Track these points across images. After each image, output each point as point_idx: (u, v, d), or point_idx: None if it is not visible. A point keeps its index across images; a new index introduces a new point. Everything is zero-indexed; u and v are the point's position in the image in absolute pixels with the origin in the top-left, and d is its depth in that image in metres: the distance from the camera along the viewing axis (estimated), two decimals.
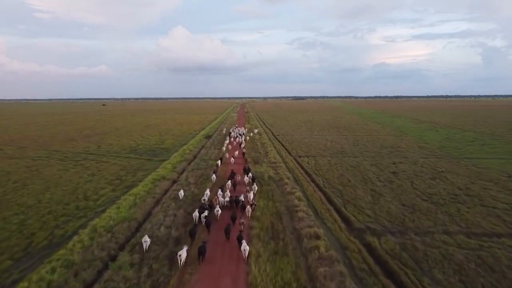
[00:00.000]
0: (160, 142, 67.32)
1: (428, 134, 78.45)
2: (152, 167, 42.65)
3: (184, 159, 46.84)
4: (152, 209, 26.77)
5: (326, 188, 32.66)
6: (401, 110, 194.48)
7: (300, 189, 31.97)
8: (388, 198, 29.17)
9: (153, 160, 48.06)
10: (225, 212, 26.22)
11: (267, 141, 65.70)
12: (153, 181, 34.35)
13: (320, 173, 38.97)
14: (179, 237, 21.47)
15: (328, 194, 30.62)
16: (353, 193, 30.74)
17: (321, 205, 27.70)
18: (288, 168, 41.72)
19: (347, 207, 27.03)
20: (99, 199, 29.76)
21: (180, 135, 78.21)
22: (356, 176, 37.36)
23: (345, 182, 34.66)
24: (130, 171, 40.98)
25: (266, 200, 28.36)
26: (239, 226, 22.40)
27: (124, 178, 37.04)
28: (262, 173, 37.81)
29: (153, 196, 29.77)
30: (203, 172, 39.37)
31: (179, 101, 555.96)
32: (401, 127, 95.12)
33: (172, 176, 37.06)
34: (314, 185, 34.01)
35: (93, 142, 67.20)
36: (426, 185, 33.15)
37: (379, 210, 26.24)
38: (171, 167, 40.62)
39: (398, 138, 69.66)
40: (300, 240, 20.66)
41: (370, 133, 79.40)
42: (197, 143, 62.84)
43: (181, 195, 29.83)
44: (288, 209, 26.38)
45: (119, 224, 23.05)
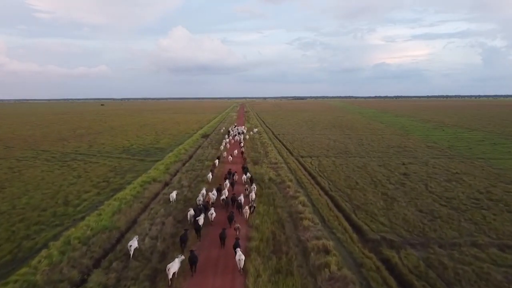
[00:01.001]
0: (155, 141, 64.32)
1: (434, 133, 75.49)
2: (143, 168, 39.66)
3: (179, 159, 43.82)
4: (138, 216, 23.75)
5: (333, 191, 29.65)
6: (403, 109, 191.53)
7: (304, 193, 28.97)
8: (402, 203, 26.16)
9: (145, 160, 45.05)
10: (220, 214, 23.86)
11: (267, 140, 62.72)
12: (143, 183, 31.35)
13: (325, 174, 35.96)
14: (165, 250, 18.45)
15: (335, 198, 27.59)
16: (362, 197, 27.73)
17: (328, 212, 24.68)
18: (290, 169, 38.71)
19: (357, 214, 24.01)
20: (81, 204, 26.73)
21: (176, 135, 75.21)
22: (364, 178, 34.35)
23: (352, 185, 31.66)
24: (120, 172, 37.97)
25: (267, 206, 25.35)
26: (234, 232, 20.17)
27: (112, 180, 34.02)
28: (262, 174, 34.81)
29: (140, 200, 26.76)
30: (198, 174, 36.36)
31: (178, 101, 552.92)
32: (405, 126, 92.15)
33: (164, 178, 34.05)
34: (319, 188, 31.00)
35: (85, 141, 64.18)
36: (442, 188, 30.15)
37: (394, 217, 23.23)
38: (163, 168, 37.61)
39: (404, 138, 66.66)
40: (307, 254, 17.64)
41: (374, 132, 76.42)
42: (193, 142, 59.83)
43: (173, 197, 27.08)
44: (292, 216, 23.38)
45: (98, 234, 20.04)
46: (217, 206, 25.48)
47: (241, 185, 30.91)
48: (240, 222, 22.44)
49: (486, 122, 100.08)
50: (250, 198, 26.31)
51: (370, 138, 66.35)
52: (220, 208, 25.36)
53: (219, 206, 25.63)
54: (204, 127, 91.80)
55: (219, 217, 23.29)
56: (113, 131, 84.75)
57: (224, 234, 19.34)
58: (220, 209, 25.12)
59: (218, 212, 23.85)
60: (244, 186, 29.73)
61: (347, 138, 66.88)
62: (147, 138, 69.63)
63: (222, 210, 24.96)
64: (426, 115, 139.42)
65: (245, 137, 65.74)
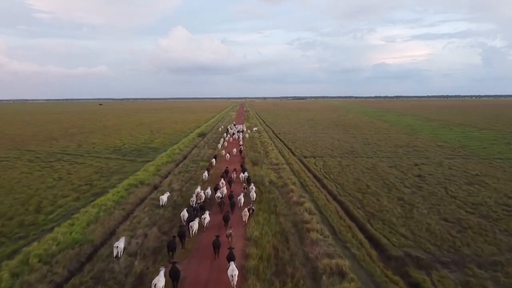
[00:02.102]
0: (149, 141, 60.97)
1: (442, 132, 72.18)
2: (133, 169, 36.28)
3: (172, 160, 40.47)
4: (118, 226, 20.37)
5: (342, 196, 26.28)
6: (405, 109, 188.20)
7: (309, 198, 25.61)
8: (423, 210, 22.80)
9: (136, 161, 41.69)
10: (215, 217, 21.46)
11: (267, 139, 59.36)
12: (128, 187, 27.97)
13: (332, 176, 32.60)
14: (143, 271, 15.08)
15: (346, 204, 24.23)
16: (376, 203, 24.36)
17: (339, 221, 21.32)
18: (292, 171, 35.37)
19: (373, 224, 20.64)
20: (55, 211, 23.35)
21: (172, 134, 71.86)
22: (376, 180, 31.00)
23: (363, 189, 28.29)
24: (105, 174, 34.62)
25: (267, 213, 21.99)
26: (227, 239, 17.65)
27: (95, 184, 30.66)
28: (262, 176, 31.47)
29: (123, 207, 23.39)
30: (192, 176, 33.01)
31: (178, 101, 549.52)
32: (410, 125, 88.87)
33: (153, 180, 30.69)
34: (326, 193, 27.64)
35: (75, 141, 60.82)
36: (465, 192, 26.78)
37: (416, 228, 19.87)
38: (154, 170, 34.25)
39: (412, 137, 63.32)
40: (317, 278, 14.29)
41: (380, 131, 73.08)
42: (189, 142, 56.49)
43: (163, 200, 24.06)
44: (296, 226, 20.02)
45: (65, 250, 16.69)
46: (212, 205, 23.96)
47: (239, 184, 28.77)
48: (235, 224, 20.08)
49: (493, 121, 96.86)
50: (251, 198, 24.10)
51: (376, 137, 63.00)
52: (214, 210, 23.19)
53: (215, 206, 23.81)
54: (202, 126, 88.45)
55: (214, 221, 20.96)
56: (106, 130, 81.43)
57: (218, 242, 16.51)
58: (214, 211, 22.90)
59: (212, 214, 21.83)
60: (242, 185, 27.48)
61: (351, 137, 63.54)
62: (141, 137, 66.29)
63: (217, 212, 22.73)
64: (430, 114, 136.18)
65: (244, 136, 62.42)
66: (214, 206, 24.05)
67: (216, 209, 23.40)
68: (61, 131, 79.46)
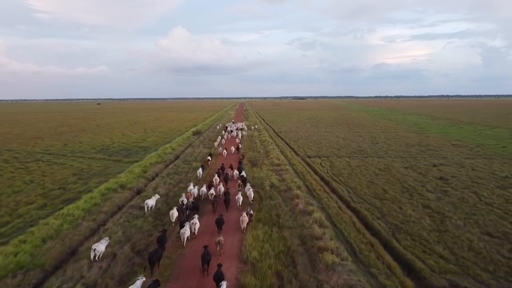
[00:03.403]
0: (141, 140, 56.88)
1: (453, 130, 68.15)
2: (116, 170, 32.27)
3: (162, 160, 36.40)
4: (82, 244, 16.33)
5: (356, 203, 22.25)
6: (408, 108, 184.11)
7: (318, 205, 21.59)
8: (457, 221, 18.78)
9: (122, 161, 37.64)
10: (206, 222, 18.53)
11: (267, 138, 55.27)
12: (106, 191, 23.95)
13: (341, 179, 28.56)
14: None
15: (362, 213, 20.20)
16: (399, 212, 20.34)
17: (358, 236, 17.27)
18: (296, 173, 31.36)
19: (400, 239, 16.62)
20: (10, 222, 19.30)
21: (167, 132, 67.78)
22: (392, 183, 26.97)
23: (380, 194, 24.27)
24: (85, 176, 30.58)
25: (268, 226, 17.94)
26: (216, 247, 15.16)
27: (70, 187, 26.61)
28: (261, 179, 27.44)
29: (94, 217, 19.37)
30: (182, 178, 28.96)
31: (178, 101, 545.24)
32: (417, 124, 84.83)
33: (137, 184, 26.64)
34: (337, 198, 23.60)
35: (62, 140, 56.72)
36: (501, 199, 22.76)
37: (455, 246, 15.86)
38: (139, 171, 30.19)
39: (422, 135, 59.29)
40: None
41: (386, 130, 69.05)
42: (183, 140, 52.40)
43: (148, 206, 20.74)
44: (305, 243, 16.00)
45: (3, 280, 12.69)
46: (205, 204, 22.09)
47: (235, 181, 26.96)
48: (230, 230, 17.52)
49: (503, 119, 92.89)
50: (249, 198, 21.95)
51: (383, 136, 58.96)
52: (208, 209, 21.24)
53: (208, 205, 21.70)
54: (199, 124, 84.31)
55: (206, 224, 18.49)
56: (98, 128, 77.33)
57: (208, 255, 13.70)
58: (207, 211, 21.03)
59: (205, 214, 20.34)
60: (236, 184, 25.55)
61: (357, 136, 59.50)
62: (133, 136, 62.17)
63: (209, 212, 20.82)
64: (434, 113, 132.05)
65: (243, 134, 58.42)
66: (208, 205, 21.80)
67: (209, 208, 21.30)
68: (50, 129, 75.36)
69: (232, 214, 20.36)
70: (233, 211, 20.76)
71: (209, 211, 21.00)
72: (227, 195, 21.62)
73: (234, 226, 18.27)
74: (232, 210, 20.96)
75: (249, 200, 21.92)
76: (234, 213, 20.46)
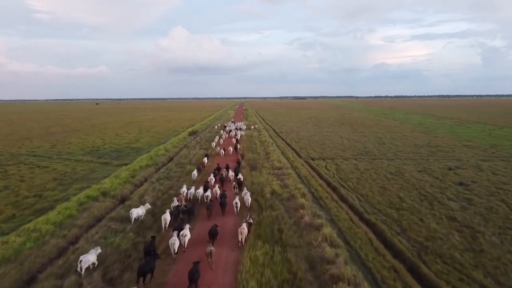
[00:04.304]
0: (134, 140, 54.04)
1: (461, 130, 65.34)
2: (103, 174, 29.46)
3: (153, 163, 33.55)
4: (45, 268, 13.47)
5: (370, 214, 19.41)
6: (410, 107, 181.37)
7: (327, 217, 18.73)
8: (492, 238, 15.95)
9: (110, 164, 34.81)
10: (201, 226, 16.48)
11: (267, 138, 52.41)
12: (86, 200, 21.11)
13: (350, 185, 25.72)
14: None
15: (379, 227, 17.36)
16: (421, 226, 17.50)
17: (377, 258, 14.42)
18: (300, 177, 28.51)
19: (429, 263, 13.77)
20: None
21: (163, 133, 64.94)
22: (408, 190, 24.14)
23: (396, 202, 21.43)
24: (67, 181, 27.75)
25: (269, 245, 15.08)
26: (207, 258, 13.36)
27: (47, 194, 23.78)
28: (261, 185, 24.61)
29: (64, 233, 16.52)
30: (172, 184, 26.08)
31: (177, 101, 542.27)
32: (422, 123, 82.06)
33: (122, 191, 23.78)
34: (348, 208, 20.75)
35: (51, 140, 53.88)
36: None
37: (499, 272, 13.05)
38: (127, 176, 27.33)
39: (430, 135, 56.48)
40: None
41: (391, 130, 66.23)
42: (179, 141, 49.55)
43: (134, 215, 18.13)
44: (315, 268, 13.15)
45: None
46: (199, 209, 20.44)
47: (231, 183, 25.42)
48: (225, 242, 15.51)
49: (510, 119, 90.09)
50: (246, 203, 20.06)
51: (389, 136, 56.13)
52: (202, 214, 19.52)
53: (202, 210, 20.01)
54: (196, 124, 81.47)
55: (198, 233, 16.52)
56: (92, 129, 74.48)
57: (196, 273, 11.79)
58: (201, 216, 19.31)
59: (199, 220, 18.75)
60: (232, 186, 24.17)
61: (362, 136, 56.67)
62: (126, 136, 59.33)
63: (203, 217, 19.13)
64: (438, 112, 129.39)
65: (241, 135, 55.62)
66: (202, 209, 20.11)
67: (203, 212, 19.59)
68: (42, 130, 72.52)
69: (228, 221, 18.45)
70: (229, 217, 19.06)
71: (203, 217, 19.25)
72: (224, 197, 20.24)
73: (230, 238, 15.98)
74: (228, 215, 19.28)
75: (246, 206, 20.08)
76: (230, 220, 18.60)
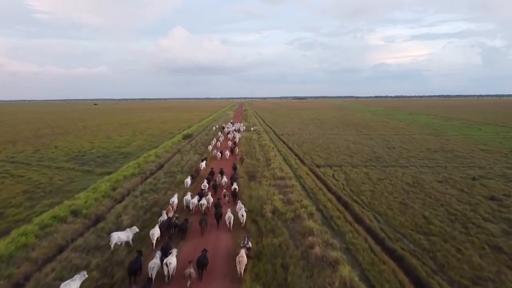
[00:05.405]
0: (125, 144, 50.54)
1: (472, 132, 61.81)
2: (80, 186, 26.00)
3: (140, 171, 30.04)
4: None
5: (393, 241, 15.88)
6: (413, 107, 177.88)
7: (341, 247, 15.18)
8: None
9: (93, 172, 31.32)
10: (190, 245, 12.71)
11: (268, 142, 48.89)
12: (51, 221, 17.61)
13: (364, 200, 22.19)
14: None
15: (408, 262, 13.82)
16: (461, 260, 13.98)
17: None
18: (305, 189, 24.96)
19: None
20: None
21: (157, 135, 61.46)
22: (432, 206, 20.61)
23: (422, 224, 17.91)
24: (38, 194, 24.25)
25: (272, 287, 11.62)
26: None
27: (9, 213, 20.28)
28: (260, 199, 21.10)
29: (10, 273, 13.01)
30: (158, 199, 22.53)
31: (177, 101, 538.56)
32: (429, 124, 78.56)
33: (98, 208, 20.25)
34: (366, 232, 17.18)
35: (36, 144, 50.39)
36: None
37: None
38: (107, 188, 23.81)
39: (441, 138, 52.96)
40: None
41: (399, 132, 62.67)
42: (172, 145, 46.04)
43: (117, 239, 15.43)
44: None
45: None
46: None
47: (227, 189, 23.76)
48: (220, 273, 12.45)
49: None
50: (241, 221, 17.53)
51: (397, 139, 52.60)
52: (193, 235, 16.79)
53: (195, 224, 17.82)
54: (194, 126, 77.97)
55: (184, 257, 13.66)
56: (83, 131, 70.96)
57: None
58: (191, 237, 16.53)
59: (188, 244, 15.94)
60: (222, 194, 22.14)
61: (368, 139, 53.14)
62: (118, 139, 55.80)
63: (194, 238, 16.41)
64: (442, 112, 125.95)
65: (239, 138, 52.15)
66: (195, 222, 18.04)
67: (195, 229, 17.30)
68: (31, 132, 69.02)
69: (222, 239, 16.14)
70: (223, 234, 16.85)
71: (195, 232, 16.97)
72: (219, 207, 18.61)
73: (223, 264, 13.19)
74: (221, 231, 17.10)
75: (240, 223, 17.56)
76: (223, 239, 16.26)
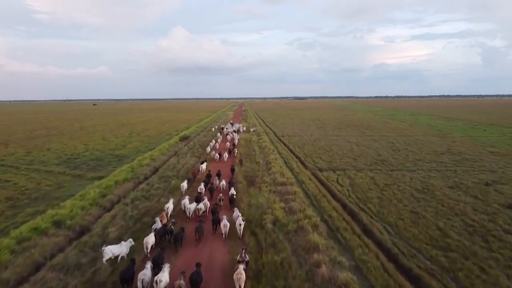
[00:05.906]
0: (121, 146, 48.94)
1: (477, 133, 60.27)
2: (69, 192, 24.46)
3: (133, 176, 28.42)
4: None
5: (407, 257, 14.27)
6: (414, 108, 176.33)
7: (350, 264, 13.60)
8: None
9: (84, 177, 29.72)
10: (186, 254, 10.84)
11: (268, 144, 47.28)
12: (29, 235, 16.02)
13: (372, 208, 20.59)
14: None
15: (429, 287, 12.22)
16: (488, 283, 12.44)
17: None
18: (308, 196, 23.35)
19: None
20: None
21: (154, 136, 59.86)
22: (447, 216, 19.00)
23: (437, 237, 16.30)
24: (22, 202, 22.66)
25: None
26: None
27: None
28: (260, 208, 19.49)
29: None
30: (151, 207, 20.92)
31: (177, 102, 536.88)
32: (432, 125, 77.00)
33: (83, 218, 18.63)
34: (377, 247, 15.56)
35: (29, 146, 48.79)
36: None
37: None
38: (96, 195, 22.22)
39: (447, 140, 51.38)
40: None
41: (402, 133, 61.07)
42: (169, 147, 44.45)
43: (110, 254, 14.20)
44: None
45: None
46: None
47: (225, 193, 22.69)
48: None
49: None
50: (238, 230, 16.36)
51: (402, 140, 51.01)
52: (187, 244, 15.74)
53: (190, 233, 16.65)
54: (192, 126, 76.38)
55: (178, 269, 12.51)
56: (79, 132, 69.36)
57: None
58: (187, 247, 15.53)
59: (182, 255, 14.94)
60: (217, 199, 21.39)
61: (371, 140, 51.55)
62: (113, 141, 54.21)
63: (189, 247, 15.38)
64: (444, 113, 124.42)
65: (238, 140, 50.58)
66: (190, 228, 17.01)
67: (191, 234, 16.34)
68: (25, 133, 67.38)
69: (217, 249, 15.10)
70: (218, 244, 15.74)
71: (190, 241, 15.92)
72: (216, 213, 17.80)
73: (218, 279, 11.49)
74: (217, 240, 16.02)
75: (238, 233, 16.34)
76: (219, 249, 15.18)
